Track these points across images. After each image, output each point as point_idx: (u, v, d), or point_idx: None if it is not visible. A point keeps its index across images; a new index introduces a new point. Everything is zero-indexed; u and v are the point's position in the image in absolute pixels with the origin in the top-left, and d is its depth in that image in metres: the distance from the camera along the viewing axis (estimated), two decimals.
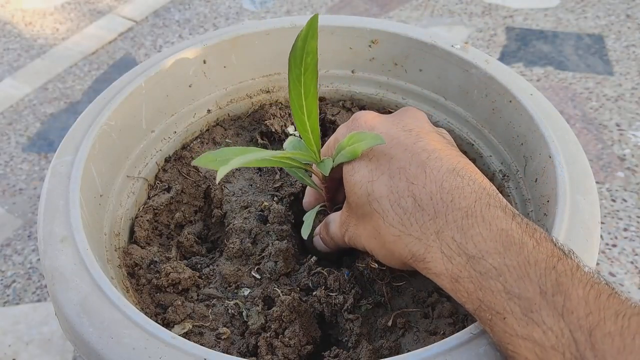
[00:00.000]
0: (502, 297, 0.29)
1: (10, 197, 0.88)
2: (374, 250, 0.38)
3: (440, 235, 0.32)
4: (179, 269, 0.42)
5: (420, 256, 0.33)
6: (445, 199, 0.33)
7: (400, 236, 0.34)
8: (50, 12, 1.28)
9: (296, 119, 0.39)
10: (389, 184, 0.35)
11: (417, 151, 0.36)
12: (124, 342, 0.32)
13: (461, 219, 0.32)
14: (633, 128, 0.91)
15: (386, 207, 0.35)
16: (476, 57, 0.50)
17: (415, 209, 0.33)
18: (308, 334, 0.40)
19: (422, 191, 0.34)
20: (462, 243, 0.31)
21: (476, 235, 0.31)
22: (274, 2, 1.26)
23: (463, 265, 0.31)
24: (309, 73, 0.37)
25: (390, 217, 0.35)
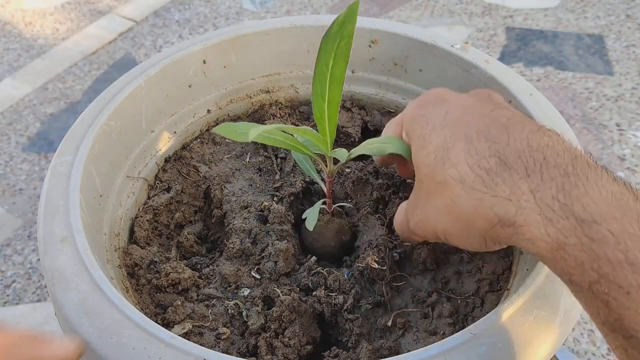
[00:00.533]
0: (624, 268, 0.25)
1: (10, 197, 0.88)
2: (447, 229, 0.33)
3: (537, 194, 0.28)
4: (179, 269, 0.42)
5: (509, 219, 0.29)
6: (536, 157, 0.29)
7: (482, 199, 0.30)
8: (50, 12, 1.28)
9: (315, 105, 0.38)
10: (467, 147, 0.31)
11: (496, 116, 0.32)
12: (123, 342, 0.32)
13: (560, 177, 0.28)
14: (633, 128, 0.91)
15: (464, 171, 0.31)
16: (476, 57, 0.50)
17: (501, 167, 0.29)
18: (308, 334, 0.40)
19: (507, 149, 0.30)
20: (567, 204, 0.27)
21: (583, 196, 0.27)
22: (274, 2, 1.26)
23: (570, 230, 0.27)
24: (339, 58, 0.36)
25: (469, 180, 0.30)
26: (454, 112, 0.34)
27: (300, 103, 0.59)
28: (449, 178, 0.31)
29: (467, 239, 0.32)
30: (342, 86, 0.37)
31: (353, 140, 0.55)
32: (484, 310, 0.40)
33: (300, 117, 0.57)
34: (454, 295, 0.42)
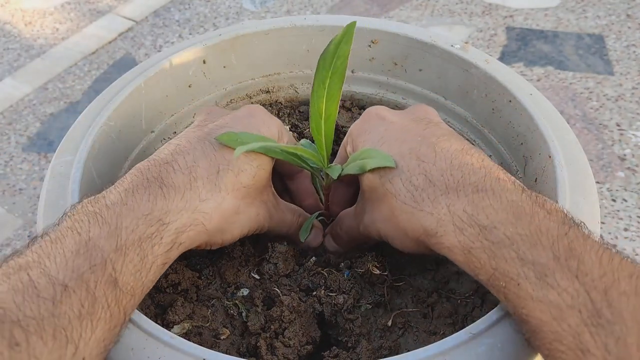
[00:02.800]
0: (515, 263, 0.29)
1: (10, 197, 0.88)
2: (388, 233, 0.38)
3: (452, 208, 0.33)
4: (179, 270, 0.42)
5: (432, 230, 0.33)
6: (455, 174, 0.34)
7: (413, 213, 0.34)
8: (50, 12, 1.28)
9: (312, 120, 0.39)
10: (400, 164, 0.36)
11: (427, 135, 0.37)
12: (123, 342, 0.32)
13: (472, 192, 0.33)
14: (633, 128, 0.91)
15: (398, 186, 0.35)
16: (476, 56, 0.50)
17: (427, 185, 0.34)
18: (308, 334, 0.40)
19: (433, 168, 0.35)
20: (473, 215, 0.32)
21: (487, 207, 0.32)
22: (274, 2, 1.26)
23: (475, 236, 0.31)
24: (336, 76, 0.38)
25: (402, 195, 0.35)
26: (390, 130, 0.39)
27: (300, 103, 0.59)
28: (387, 192, 0.36)
29: (404, 244, 0.37)
30: (338, 103, 0.39)
31: None
32: (483, 310, 0.40)
33: (300, 117, 0.57)
34: (454, 295, 0.42)
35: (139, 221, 0.32)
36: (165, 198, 0.34)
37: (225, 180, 0.37)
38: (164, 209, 0.33)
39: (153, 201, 0.33)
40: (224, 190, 0.37)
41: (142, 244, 0.32)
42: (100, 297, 0.29)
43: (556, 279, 0.28)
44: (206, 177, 0.36)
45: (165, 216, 0.33)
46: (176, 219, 0.34)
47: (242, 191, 0.38)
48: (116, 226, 0.32)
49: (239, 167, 0.38)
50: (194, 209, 0.35)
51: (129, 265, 0.31)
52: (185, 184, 0.35)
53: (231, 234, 0.39)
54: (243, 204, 0.38)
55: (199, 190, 0.35)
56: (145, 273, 0.32)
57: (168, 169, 0.35)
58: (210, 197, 0.36)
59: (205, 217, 0.36)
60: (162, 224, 0.33)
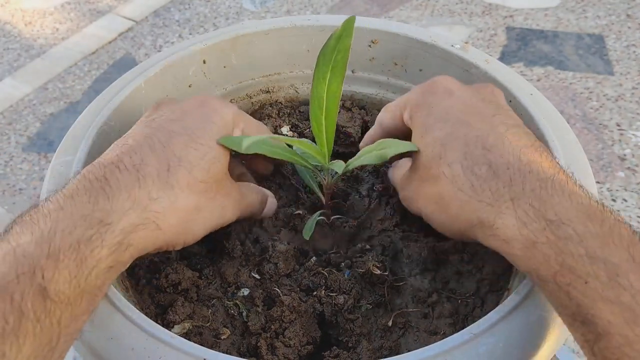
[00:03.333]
0: (584, 261, 0.28)
1: (10, 197, 0.88)
2: (430, 214, 0.37)
3: (516, 201, 0.31)
4: (179, 270, 0.42)
5: (489, 222, 0.32)
6: (522, 169, 0.32)
7: (468, 201, 0.33)
8: (50, 12, 1.28)
9: (313, 117, 0.39)
10: (464, 150, 0.34)
11: (496, 123, 0.35)
12: (123, 342, 0.32)
13: (540, 188, 0.31)
14: (633, 128, 0.91)
15: (457, 171, 0.34)
16: (476, 56, 0.50)
17: (490, 176, 0.33)
18: (308, 334, 0.40)
19: (499, 160, 0.33)
20: (540, 209, 0.31)
21: (556, 204, 0.30)
22: (274, 2, 1.26)
23: (541, 231, 0.30)
24: (336, 71, 0.37)
25: (460, 181, 0.34)
26: (457, 108, 0.37)
27: (300, 103, 0.59)
28: (442, 174, 0.35)
29: (445, 228, 0.36)
30: (339, 99, 0.38)
31: (353, 140, 0.55)
32: (484, 310, 0.40)
33: (301, 117, 0.57)
34: (454, 295, 0.42)
35: (77, 223, 0.30)
36: (108, 198, 0.32)
37: (177, 177, 0.35)
38: (106, 209, 0.31)
39: (94, 202, 0.31)
40: (177, 187, 0.35)
41: (79, 247, 0.29)
42: (27, 310, 0.27)
43: (630, 280, 0.27)
44: (156, 175, 0.34)
45: (107, 216, 0.31)
46: (121, 218, 0.32)
47: (199, 187, 0.36)
48: (49, 231, 0.29)
49: (191, 162, 0.35)
50: (143, 208, 0.33)
51: (63, 272, 0.28)
52: (133, 182, 0.33)
53: (193, 233, 0.37)
54: (203, 199, 0.36)
55: (148, 189, 0.33)
56: (84, 279, 0.29)
57: (113, 169, 0.33)
58: (163, 195, 0.34)
59: (157, 216, 0.33)
60: (104, 224, 0.31)
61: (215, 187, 0.37)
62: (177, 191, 0.35)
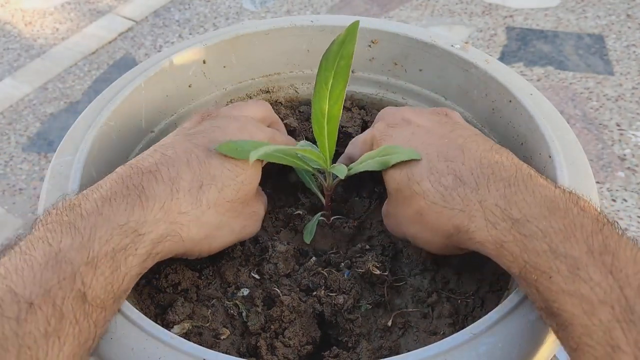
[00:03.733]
0: (547, 256, 0.29)
1: (10, 197, 0.88)
2: (416, 234, 0.38)
3: (484, 204, 0.33)
4: (179, 270, 0.42)
5: (464, 227, 0.34)
6: (485, 172, 0.34)
7: (442, 212, 0.35)
8: (50, 12, 1.28)
9: (315, 121, 0.39)
10: (428, 166, 0.36)
11: (453, 137, 0.38)
12: (123, 343, 0.32)
13: (503, 187, 0.33)
14: (633, 128, 0.91)
15: (427, 187, 0.36)
16: (476, 56, 0.50)
17: (457, 184, 0.35)
18: (308, 334, 0.40)
19: (462, 168, 0.35)
20: (506, 209, 0.32)
21: (520, 201, 0.32)
22: (274, 2, 1.26)
23: (508, 230, 0.31)
24: (339, 76, 0.38)
25: (431, 195, 0.35)
26: (417, 133, 0.39)
27: (300, 103, 0.59)
28: (414, 193, 0.37)
29: (431, 244, 0.38)
30: (342, 104, 0.39)
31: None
32: (484, 310, 0.40)
33: (301, 117, 0.57)
34: (454, 295, 0.42)
35: (114, 232, 0.32)
36: (143, 208, 0.33)
37: (207, 195, 0.36)
38: (141, 220, 0.33)
39: (130, 211, 0.33)
40: (205, 204, 0.36)
41: (115, 255, 0.31)
42: (67, 313, 0.28)
43: (589, 272, 0.28)
44: (188, 190, 0.36)
45: (141, 227, 0.33)
46: (152, 229, 0.33)
47: (225, 206, 0.38)
48: (89, 237, 0.31)
49: (223, 182, 0.37)
50: (172, 221, 0.34)
51: (99, 279, 0.30)
52: (167, 195, 0.35)
53: (209, 247, 0.39)
54: (226, 218, 0.38)
55: (179, 202, 0.35)
56: (117, 285, 0.31)
57: (150, 179, 0.35)
58: (190, 210, 0.36)
59: (182, 228, 0.35)
60: (138, 234, 0.33)
61: (239, 207, 0.39)
62: (204, 208, 0.36)
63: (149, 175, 0.35)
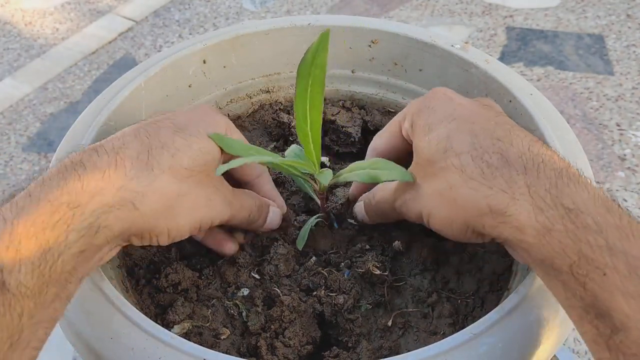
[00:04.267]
0: (603, 252, 0.28)
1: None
2: (432, 211, 0.36)
3: (532, 187, 0.31)
4: (179, 270, 0.42)
5: (500, 209, 0.31)
6: (535, 159, 0.32)
7: (478, 189, 0.32)
8: (50, 12, 1.28)
9: (299, 129, 0.39)
10: (472, 141, 0.34)
11: (500, 122, 0.35)
12: (123, 343, 0.32)
13: (555, 177, 0.31)
14: (633, 128, 0.91)
15: (467, 161, 0.33)
16: (476, 56, 0.50)
17: (502, 164, 0.32)
18: (308, 334, 0.40)
19: (510, 149, 0.33)
20: (558, 196, 0.30)
21: (573, 193, 0.30)
22: (274, 2, 1.26)
23: (558, 218, 0.29)
24: (315, 85, 0.38)
25: (470, 170, 0.33)
26: (461, 110, 0.37)
27: None
28: (451, 165, 0.34)
29: (449, 225, 0.35)
30: (321, 110, 0.39)
31: (353, 140, 0.55)
32: (484, 310, 0.40)
33: None
34: (454, 295, 0.42)
35: (42, 209, 0.29)
36: (80, 179, 0.30)
37: (158, 159, 0.33)
38: (75, 191, 0.30)
39: (63, 185, 0.30)
40: (157, 168, 0.33)
41: (43, 234, 0.28)
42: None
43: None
44: (135, 157, 0.33)
45: (75, 199, 0.30)
46: (92, 199, 0.30)
47: (182, 172, 0.35)
48: (12, 221, 0.28)
49: (176, 147, 0.35)
50: (119, 187, 0.31)
51: (24, 263, 0.27)
52: (110, 163, 0.32)
53: (177, 222, 0.35)
54: (186, 185, 0.35)
55: (125, 170, 0.32)
56: (50, 267, 0.28)
57: (91, 153, 0.32)
58: (140, 175, 0.32)
59: (135, 195, 0.32)
60: (72, 207, 0.29)
61: (201, 177, 0.36)
62: (156, 172, 0.33)
63: (90, 151, 0.33)
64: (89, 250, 0.31)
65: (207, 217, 0.37)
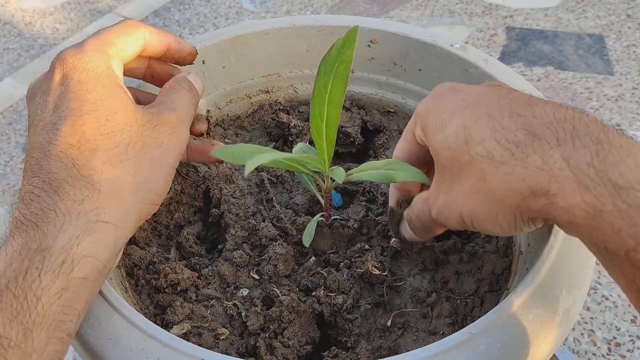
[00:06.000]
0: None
1: (10, 197, 0.88)
2: (474, 211, 0.32)
3: (571, 161, 0.27)
4: (178, 270, 0.42)
5: (542, 189, 0.28)
6: (566, 127, 0.28)
7: (514, 171, 0.29)
8: (50, 12, 1.28)
9: (313, 125, 0.39)
10: (491, 124, 0.30)
11: (515, 96, 0.32)
12: (122, 343, 0.32)
13: (593, 145, 0.27)
14: (633, 128, 0.91)
15: (492, 146, 0.30)
16: (476, 56, 0.50)
17: (531, 139, 0.29)
18: (307, 334, 0.40)
19: (534, 121, 0.29)
20: (602, 170, 0.26)
21: (618, 163, 0.26)
22: (274, 2, 1.26)
23: (608, 197, 0.26)
24: (338, 81, 0.37)
25: (498, 154, 0.30)
26: (470, 97, 0.33)
27: (299, 103, 0.59)
28: (476, 155, 0.30)
29: (496, 220, 0.31)
30: (340, 108, 0.38)
31: (352, 140, 0.55)
32: (483, 310, 0.40)
33: (300, 117, 0.57)
34: (454, 295, 0.42)
35: (12, 260, 0.29)
36: (37, 227, 0.30)
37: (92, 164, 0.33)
38: (38, 237, 0.30)
39: (25, 236, 0.30)
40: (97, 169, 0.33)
41: (17, 283, 0.28)
42: None
43: None
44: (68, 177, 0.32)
45: (42, 242, 0.30)
46: (56, 237, 0.30)
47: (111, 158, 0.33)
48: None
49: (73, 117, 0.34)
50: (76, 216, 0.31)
51: (2, 315, 0.27)
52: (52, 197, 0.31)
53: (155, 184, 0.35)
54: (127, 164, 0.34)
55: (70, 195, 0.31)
56: (27, 315, 0.28)
57: (29, 201, 0.32)
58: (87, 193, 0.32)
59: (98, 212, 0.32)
60: (40, 251, 0.29)
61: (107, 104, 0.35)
62: (98, 171, 0.32)
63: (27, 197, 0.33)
64: (71, 287, 0.30)
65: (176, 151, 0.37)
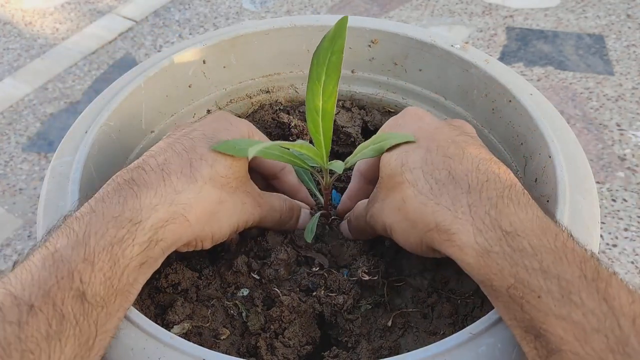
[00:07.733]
0: (538, 275, 0.28)
1: (10, 197, 0.87)
2: (393, 225, 0.37)
3: (473, 208, 0.32)
4: (179, 270, 0.42)
5: (445, 226, 0.32)
6: (480, 178, 0.33)
7: (427, 203, 0.34)
8: (50, 12, 1.28)
9: (309, 119, 0.39)
10: (425, 156, 0.35)
11: (458, 140, 0.36)
12: (122, 342, 0.32)
13: (496, 197, 0.32)
14: (633, 128, 0.91)
15: (418, 175, 0.35)
16: (476, 56, 0.50)
17: (449, 181, 0.33)
18: (307, 334, 0.40)
19: (458, 167, 0.34)
20: (497, 218, 0.31)
21: (512, 214, 0.31)
22: (274, 2, 1.26)
23: (496, 240, 0.30)
24: (331, 72, 0.37)
25: (420, 185, 0.34)
26: (425, 128, 0.38)
27: (300, 103, 0.59)
28: (405, 180, 0.35)
29: (407, 238, 0.36)
30: (335, 98, 0.38)
31: (353, 140, 0.55)
32: (483, 310, 0.40)
33: (301, 117, 0.57)
34: (454, 295, 0.42)
35: (108, 224, 0.31)
36: (137, 197, 0.33)
37: (200, 171, 0.36)
38: (135, 208, 0.33)
39: (123, 202, 0.33)
40: (201, 180, 0.36)
41: (112, 248, 0.31)
42: (68, 314, 0.28)
43: (582, 297, 0.27)
44: (180, 171, 0.36)
45: (137, 215, 0.32)
46: (150, 215, 0.33)
47: (220, 180, 0.37)
48: (84, 234, 0.31)
49: (213, 158, 0.37)
50: (170, 202, 0.34)
51: (98, 275, 0.30)
52: (159, 180, 0.35)
53: (219, 226, 0.38)
54: (225, 192, 0.38)
55: (173, 185, 0.35)
56: (117, 280, 0.31)
57: (139, 171, 0.35)
58: (187, 188, 0.35)
59: (185, 208, 0.35)
60: (134, 223, 0.32)
61: (235, 184, 0.39)
62: (200, 184, 0.36)
63: (138, 169, 0.35)
64: (148, 262, 0.33)
65: (242, 219, 0.40)
